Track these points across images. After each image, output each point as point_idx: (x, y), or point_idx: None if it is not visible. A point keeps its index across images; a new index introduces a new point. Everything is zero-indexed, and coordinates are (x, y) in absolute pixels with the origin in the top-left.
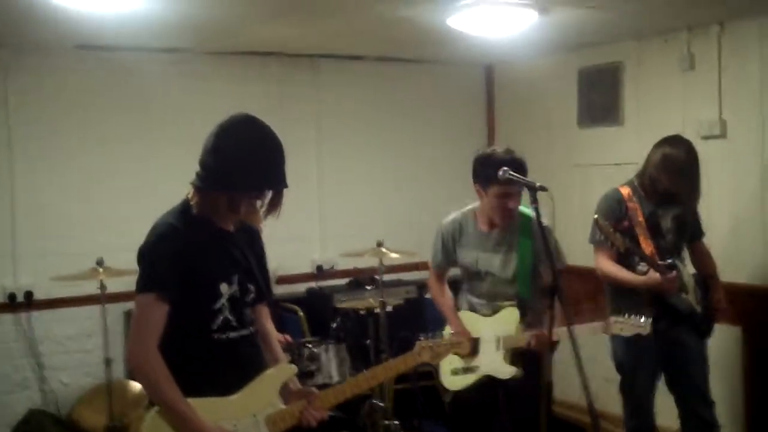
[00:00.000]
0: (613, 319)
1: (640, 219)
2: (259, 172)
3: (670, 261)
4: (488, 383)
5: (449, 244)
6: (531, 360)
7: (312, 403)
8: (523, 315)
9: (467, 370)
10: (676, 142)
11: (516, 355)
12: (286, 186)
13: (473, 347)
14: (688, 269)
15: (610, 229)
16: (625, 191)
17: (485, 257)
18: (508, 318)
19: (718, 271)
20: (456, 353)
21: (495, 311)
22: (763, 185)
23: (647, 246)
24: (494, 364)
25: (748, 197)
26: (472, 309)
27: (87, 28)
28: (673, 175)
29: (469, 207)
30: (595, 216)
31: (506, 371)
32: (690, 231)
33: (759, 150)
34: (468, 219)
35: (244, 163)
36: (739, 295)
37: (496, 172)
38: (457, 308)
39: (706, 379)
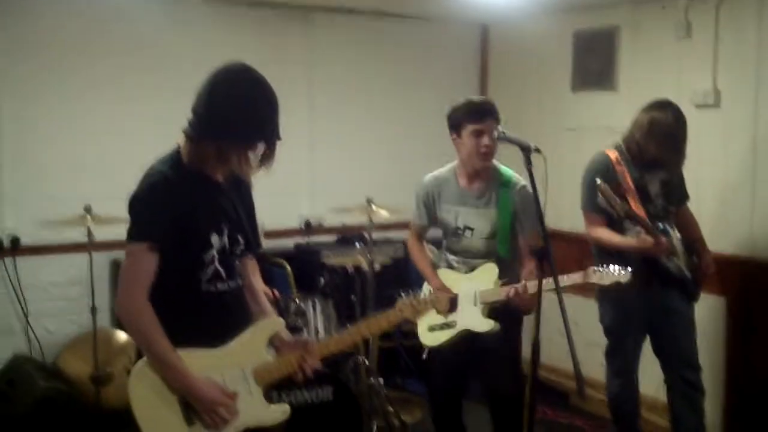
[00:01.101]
0: (592, 268)
1: (629, 183)
2: (252, 123)
3: (660, 226)
4: (465, 340)
5: (429, 202)
6: (509, 320)
7: (310, 352)
8: (501, 273)
9: (444, 326)
10: (664, 106)
11: (494, 311)
12: (279, 139)
13: (452, 304)
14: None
15: (610, 192)
16: (613, 155)
17: (465, 212)
18: (487, 274)
19: (702, 237)
20: (436, 309)
21: (473, 269)
22: (753, 157)
23: (639, 210)
24: (471, 318)
25: (739, 168)
26: (450, 267)
27: None
28: (661, 141)
29: (450, 165)
30: (598, 181)
31: (483, 325)
32: (677, 195)
33: (751, 121)
34: (448, 175)
35: (237, 113)
36: (726, 266)
37: (467, 113)
38: (436, 267)
39: (694, 343)
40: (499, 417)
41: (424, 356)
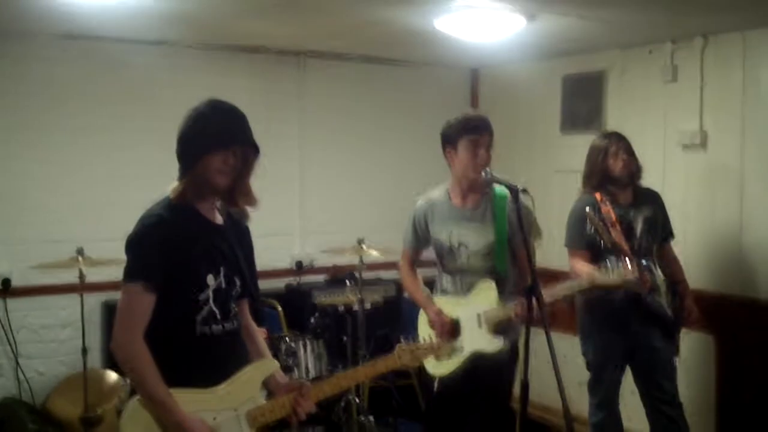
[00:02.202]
0: (597, 271)
1: (615, 221)
2: (216, 134)
3: (644, 263)
4: (472, 366)
5: (421, 223)
6: (506, 357)
7: (305, 395)
8: (500, 290)
9: (451, 353)
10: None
11: (499, 330)
12: (247, 144)
13: (454, 329)
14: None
15: (598, 221)
16: (598, 195)
17: (459, 230)
18: (486, 293)
19: (684, 277)
20: (435, 356)
21: (470, 288)
22: (740, 196)
23: (624, 246)
24: (479, 340)
25: (725, 208)
26: (445, 291)
27: (74, 17)
28: (599, 156)
29: (442, 185)
30: (587, 209)
31: (493, 344)
32: (661, 233)
33: (738, 162)
34: (441, 196)
35: (194, 130)
36: (714, 305)
37: (463, 127)
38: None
39: (674, 381)
40: None
41: (436, 388)
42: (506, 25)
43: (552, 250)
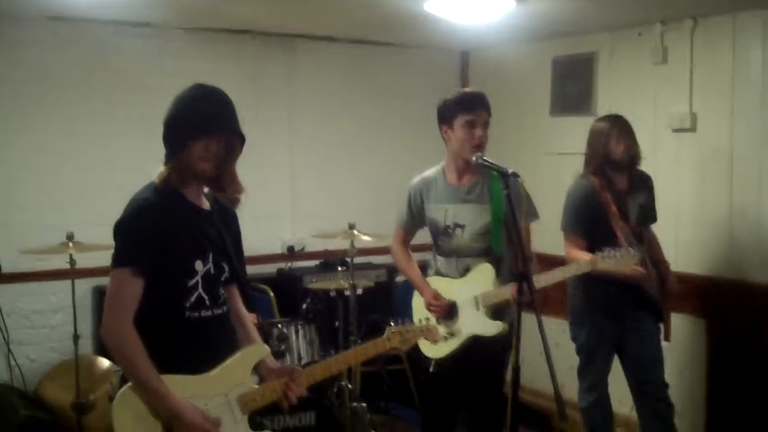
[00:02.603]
0: (599, 254)
1: (613, 208)
2: (200, 120)
3: (638, 249)
4: (468, 349)
5: (417, 202)
6: (498, 346)
7: (296, 379)
8: (497, 271)
9: (449, 335)
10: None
11: (498, 311)
12: (231, 132)
13: (451, 312)
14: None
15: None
16: (597, 181)
17: (455, 209)
18: (483, 275)
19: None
20: (427, 339)
21: (466, 269)
22: (730, 179)
23: (621, 234)
24: (477, 322)
25: (715, 191)
26: (440, 273)
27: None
28: (600, 140)
29: (437, 165)
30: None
31: (492, 327)
32: (649, 217)
33: (727, 145)
34: (437, 175)
35: (180, 115)
36: (705, 287)
37: (459, 104)
38: (425, 276)
39: (662, 362)
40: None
41: (431, 369)
42: (496, 6)
43: (543, 234)
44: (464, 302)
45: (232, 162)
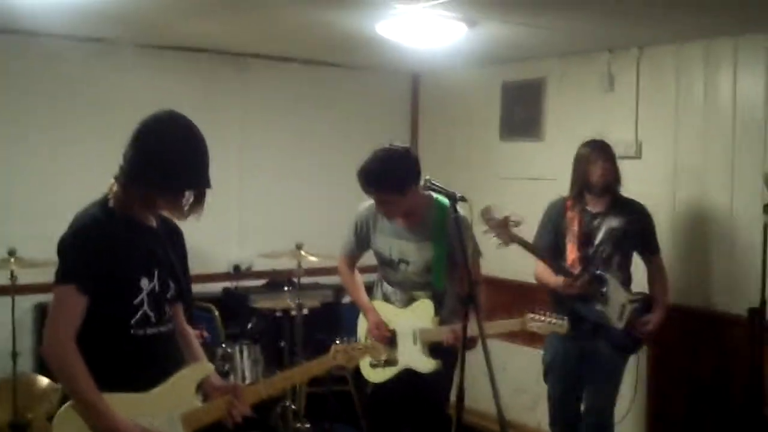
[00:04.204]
0: (530, 315)
1: (575, 228)
2: (178, 172)
3: (598, 272)
4: (406, 377)
5: (363, 230)
6: (444, 362)
7: (239, 397)
8: (437, 307)
9: (387, 363)
10: (586, 144)
11: (433, 350)
12: (208, 186)
13: (391, 340)
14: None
15: (495, 223)
16: (569, 201)
17: (400, 245)
18: (424, 311)
19: (666, 296)
20: (372, 357)
21: (409, 301)
22: (674, 205)
23: (572, 253)
24: (413, 357)
25: (660, 217)
26: (386, 298)
27: (12, 12)
28: (581, 165)
29: None
30: (487, 205)
31: (426, 365)
32: (633, 245)
33: (671, 172)
34: None
35: (164, 162)
36: None
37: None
38: (372, 297)
39: (610, 396)
40: None
41: (368, 391)
42: (448, 31)
43: (491, 258)
44: (404, 334)
45: (197, 210)
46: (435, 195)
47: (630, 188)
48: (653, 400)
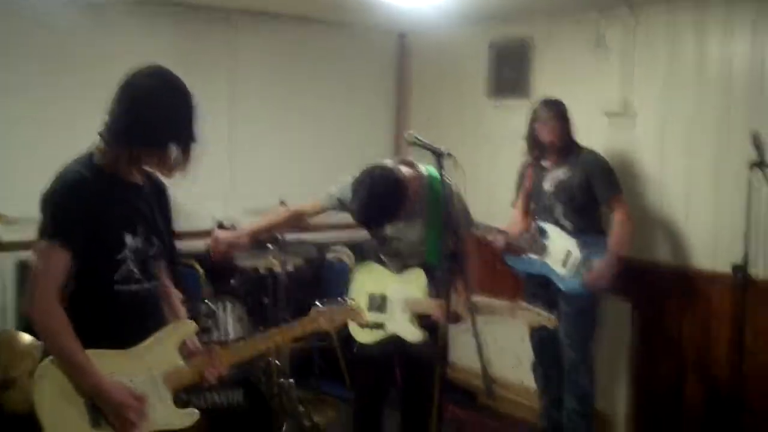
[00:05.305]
0: (521, 303)
1: (528, 183)
2: (162, 126)
3: (539, 224)
4: (391, 342)
5: (346, 204)
6: (431, 326)
7: (213, 360)
8: (430, 280)
9: (375, 326)
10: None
11: (420, 319)
12: (194, 140)
13: (381, 304)
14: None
15: (489, 229)
16: (529, 161)
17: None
18: (416, 281)
19: (618, 245)
20: (352, 320)
21: (404, 267)
22: (661, 164)
23: (518, 208)
24: (401, 325)
25: (648, 176)
26: (380, 261)
27: None
28: (533, 123)
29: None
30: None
31: (413, 335)
32: (582, 194)
33: (660, 131)
34: None
35: (148, 116)
36: (630, 271)
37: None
38: (365, 259)
39: (575, 338)
40: (409, 418)
41: (355, 350)
42: None
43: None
44: (394, 300)
45: (183, 166)
46: (426, 172)
47: (619, 146)
48: (639, 361)
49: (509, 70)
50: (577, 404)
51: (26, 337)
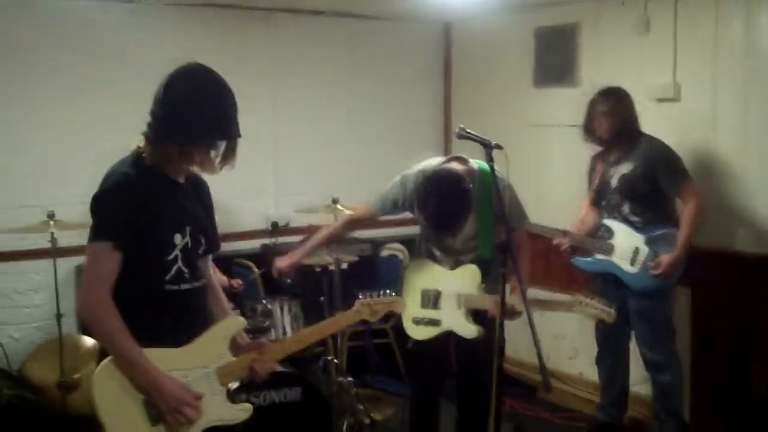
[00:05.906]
0: (580, 298)
1: (596, 180)
2: (209, 122)
3: (605, 222)
4: (446, 338)
5: (406, 205)
6: (487, 321)
7: (263, 354)
8: (484, 275)
9: (430, 322)
10: (600, 92)
11: (476, 315)
12: (238, 135)
13: (435, 300)
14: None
15: (549, 230)
16: (597, 154)
17: None
18: (470, 276)
19: (685, 235)
20: (394, 311)
21: (456, 264)
22: (712, 148)
23: (585, 208)
24: (457, 321)
25: (699, 160)
26: (433, 258)
27: None
28: (590, 117)
29: (435, 162)
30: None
31: (469, 330)
32: (649, 187)
33: (710, 114)
34: None
35: (194, 113)
36: (689, 257)
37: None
38: (415, 254)
39: (649, 336)
40: (466, 412)
41: (409, 346)
42: None
43: (526, 207)
44: (448, 296)
45: (229, 161)
46: (477, 166)
47: (668, 131)
48: (696, 346)
49: (555, 57)
50: (662, 404)
51: (88, 341)
